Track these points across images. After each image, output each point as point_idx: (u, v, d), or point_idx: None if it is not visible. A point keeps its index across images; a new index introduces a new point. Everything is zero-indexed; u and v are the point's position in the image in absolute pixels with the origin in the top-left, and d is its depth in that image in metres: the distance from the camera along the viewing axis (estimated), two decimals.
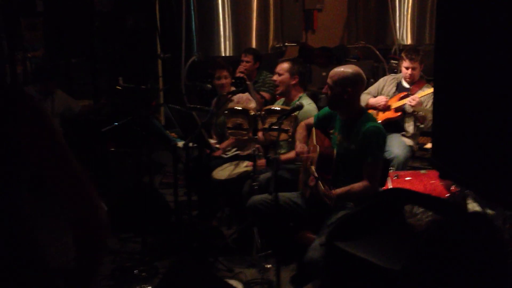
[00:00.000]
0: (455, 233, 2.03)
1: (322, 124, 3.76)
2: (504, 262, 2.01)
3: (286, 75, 4.23)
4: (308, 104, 4.11)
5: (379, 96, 5.03)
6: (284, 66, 4.25)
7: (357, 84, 3.43)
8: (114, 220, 4.70)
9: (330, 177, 3.37)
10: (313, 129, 3.74)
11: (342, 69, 3.45)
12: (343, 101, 3.42)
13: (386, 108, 4.89)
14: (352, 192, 3.30)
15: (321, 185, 3.13)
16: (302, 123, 3.89)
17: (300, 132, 3.84)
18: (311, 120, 3.84)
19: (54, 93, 5.71)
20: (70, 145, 1.49)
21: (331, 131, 3.66)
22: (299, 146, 3.67)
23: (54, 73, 5.96)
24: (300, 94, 4.27)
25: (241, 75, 5.31)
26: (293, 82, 4.23)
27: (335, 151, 3.47)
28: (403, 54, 4.99)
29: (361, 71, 3.47)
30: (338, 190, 3.28)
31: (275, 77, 4.28)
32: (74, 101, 5.89)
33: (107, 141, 6.00)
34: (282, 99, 4.44)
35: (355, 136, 3.39)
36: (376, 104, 4.93)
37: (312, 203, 3.49)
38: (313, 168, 3.38)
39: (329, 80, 3.44)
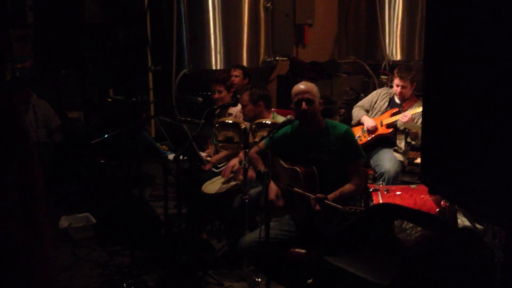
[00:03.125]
0: (444, 249, 2.04)
1: (278, 146, 3.58)
2: (492, 277, 2.02)
3: (250, 106, 4.26)
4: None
5: (371, 110, 5.07)
6: (244, 98, 4.28)
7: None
8: (103, 232, 4.71)
9: (321, 195, 3.32)
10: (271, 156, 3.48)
11: (307, 84, 3.52)
12: (316, 115, 3.49)
13: (373, 130, 4.92)
14: (346, 192, 3.40)
15: (331, 203, 3.22)
16: (253, 153, 3.79)
17: (255, 158, 3.78)
18: (262, 144, 3.70)
19: (35, 102, 5.70)
20: (59, 156, 1.57)
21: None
22: (273, 191, 3.52)
23: (29, 82, 5.94)
24: (271, 114, 4.32)
25: None
26: (259, 109, 4.26)
27: (314, 168, 3.41)
28: (395, 71, 5.03)
29: None
30: (332, 195, 3.32)
31: (242, 110, 4.33)
32: (54, 117, 5.84)
33: (96, 153, 5.98)
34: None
35: (329, 144, 3.45)
36: (366, 125, 4.96)
37: (301, 222, 3.49)
38: (303, 192, 3.35)
39: (309, 96, 3.45)
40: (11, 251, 1.49)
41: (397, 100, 4.99)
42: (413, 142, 4.86)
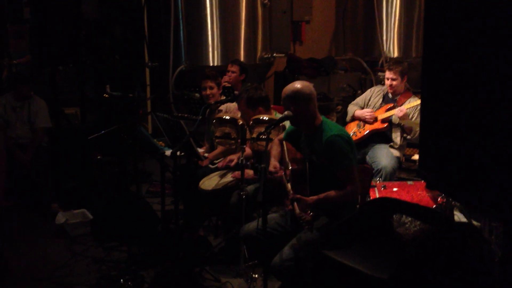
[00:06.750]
0: (443, 243, 2.04)
1: (292, 138, 3.65)
2: (491, 271, 2.03)
3: (250, 113, 4.19)
4: None
5: (366, 108, 5.08)
6: (242, 106, 4.25)
7: (304, 100, 3.35)
8: (100, 228, 4.70)
9: (307, 192, 3.31)
10: (284, 143, 3.64)
11: (288, 87, 3.40)
12: (300, 118, 3.39)
13: (372, 121, 4.93)
14: (331, 197, 3.28)
15: (296, 208, 3.17)
16: (276, 140, 3.77)
17: (275, 148, 3.72)
18: (282, 135, 3.76)
19: (31, 98, 5.67)
20: (55, 152, 1.55)
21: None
22: (272, 164, 3.55)
23: (27, 77, 5.91)
24: (273, 113, 4.33)
25: (226, 84, 5.33)
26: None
27: (307, 164, 3.38)
28: (385, 65, 5.06)
29: (306, 83, 3.41)
30: (315, 197, 3.26)
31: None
32: (44, 118, 5.77)
33: (93, 149, 5.96)
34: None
35: (319, 148, 3.36)
36: (362, 116, 4.98)
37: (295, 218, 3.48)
38: (289, 186, 3.34)
39: (282, 101, 3.42)
40: None
41: (391, 96, 5.01)
42: (408, 137, 4.88)
